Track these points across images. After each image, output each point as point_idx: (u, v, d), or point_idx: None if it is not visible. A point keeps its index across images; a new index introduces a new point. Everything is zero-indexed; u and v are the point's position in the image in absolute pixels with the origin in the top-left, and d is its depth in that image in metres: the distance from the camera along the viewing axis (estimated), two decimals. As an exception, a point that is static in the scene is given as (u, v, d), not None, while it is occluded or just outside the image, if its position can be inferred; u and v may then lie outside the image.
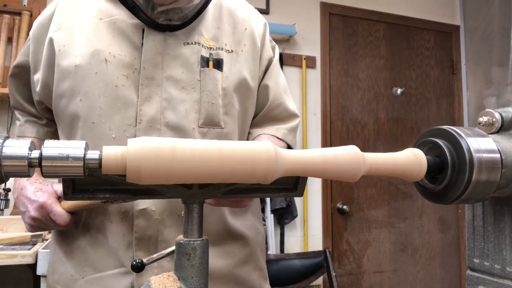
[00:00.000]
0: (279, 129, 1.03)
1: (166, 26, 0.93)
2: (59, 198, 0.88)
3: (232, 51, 0.99)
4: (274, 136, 1.02)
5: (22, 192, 0.91)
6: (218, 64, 0.96)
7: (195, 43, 0.95)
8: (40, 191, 0.88)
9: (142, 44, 0.92)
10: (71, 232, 0.92)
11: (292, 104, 1.09)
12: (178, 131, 0.89)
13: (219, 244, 0.95)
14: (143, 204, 0.87)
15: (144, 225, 0.87)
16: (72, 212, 0.87)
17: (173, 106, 0.89)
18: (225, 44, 0.98)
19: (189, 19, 0.95)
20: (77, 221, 0.91)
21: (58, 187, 0.90)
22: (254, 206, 1.06)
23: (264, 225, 1.20)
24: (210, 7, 1.01)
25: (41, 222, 0.87)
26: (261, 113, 1.04)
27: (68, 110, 0.91)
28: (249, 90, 0.99)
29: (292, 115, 1.07)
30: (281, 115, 1.05)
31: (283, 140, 1.02)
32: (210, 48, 0.96)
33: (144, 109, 0.88)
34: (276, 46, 1.13)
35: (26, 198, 0.89)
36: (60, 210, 0.85)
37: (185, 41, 0.94)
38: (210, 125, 0.91)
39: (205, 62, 0.94)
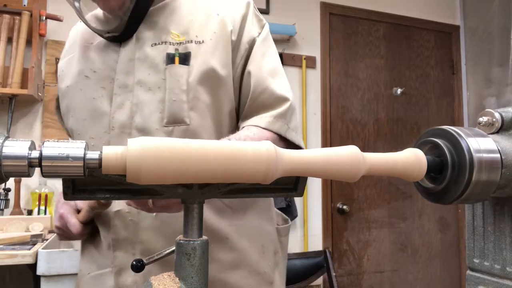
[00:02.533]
0: (263, 118, 0.92)
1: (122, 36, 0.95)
2: (78, 211, 0.95)
3: (202, 41, 0.94)
4: (257, 126, 0.91)
5: (57, 205, 1.00)
6: (186, 58, 0.93)
7: (162, 42, 0.94)
8: (65, 204, 0.96)
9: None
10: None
11: (281, 86, 0.96)
12: (144, 133, 0.91)
13: None
14: (118, 205, 0.90)
15: (120, 226, 0.90)
16: (87, 223, 0.94)
17: (141, 109, 0.91)
18: (196, 36, 0.95)
19: (128, 25, 0.94)
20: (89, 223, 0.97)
21: (80, 203, 0.97)
22: (259, 204, 1.00)
23: (279, 225, 1.13)
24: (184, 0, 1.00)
25: (62, 231, 0.94)
26: (247, 103, 0.95)
27: (68, 127, 1.01)
28: (220, 79, 0.93)
29: (280, 99, 0.94)
30: (267, 101, 0.94)
31: (268, 130, 0.90)
32: (179, 43, 0.94)
33: (116, 116, 0.91)
34: (266, 25, 1.03)
35: (56, 210, 0.98)
36: (74, 221, 0.92)
37: (153, 43, 0.94)
38: (174, 123, 0.89)
39: (170, 59, 0.93)
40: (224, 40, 0.95)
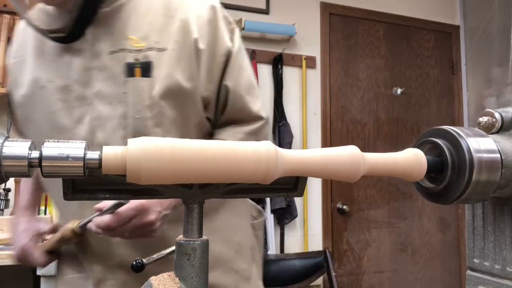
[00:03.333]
0: (236, 133, 0.93)
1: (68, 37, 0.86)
2: (43, 240, 0.94)
3: (164, 48, 0.87)
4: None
5: (15, 229, 0.98)
6: (147, 69, 0.86)
7: (120, 50, 0.86)
8: (25, 232, 0.94)
9: None
10: None
11: (257, 104, 0.95)
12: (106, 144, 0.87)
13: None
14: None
15: (93, 243, 0.90)
16: (52, 251, 0.93)
17: (102, 124, 0.85)
18: (156, 42, 0.87)
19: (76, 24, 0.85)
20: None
21: (44, 225, 0.96)
22: (232, 200, 0.98)
23: (254, 217, 1.10)
24: None
25: (23, 261, 0.95)
26: (223, 116, 0.94)
27: (28, 136, 0.95)
28: (185, 93, 0.87)
29: (255, 118, 0.94)
30: (243, 118, 0.94)
31: None
32: (139, 50, 0.86)
33: (76, 131, 0.87)
34: (236, 30, 0.97)
35: (14, 236, 0.97)
36: (37, 255, 0.92)
37: (110, 50, 0.87)
38: None
39: (130, 70, 0.85)
40: (188, 49, 0.88)
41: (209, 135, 0.96)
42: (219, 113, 0.94)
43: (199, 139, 0.97)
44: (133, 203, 0.78)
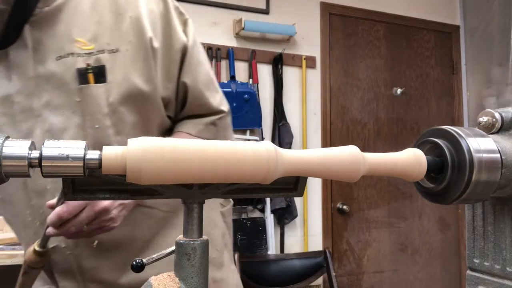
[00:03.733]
0: (195, 125, 0.89)
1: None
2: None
3: (116, 50, 0.80)
4: (188, 133, 0.88)
5: None
6: (100, 74, 0.79)
7: (68, 54, 0.79)
8: None
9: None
10: None
11: (216, 98, 0.92)
12: None
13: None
14: (53, 241, 0.83)
15: (60, 261, 0.85)
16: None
17: (57, 137, 0.77)
18: (107, 43, 0.80)
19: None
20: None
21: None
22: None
23: (223, 205, 1.08)
24: None
25: None
26: (182, 112, 0.91)
27: None
28: (145, 96, 0.82)
29: (216, 112, 0.91)
30: (203, 114, 0.91)
31: (198, 137, 0.87)
32: (89, 53, 0.79)
33: None
34: (189, 22, 0.90)
35: None
36: None
37: (57, 55, 0.79)
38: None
39: (83, 77, 0.78)
40: (143, 49, 0.82)
41: (169, 131, 0.92)
42: (178, 110, 0.91)
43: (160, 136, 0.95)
44: None
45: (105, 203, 0.75)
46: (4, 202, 0.88)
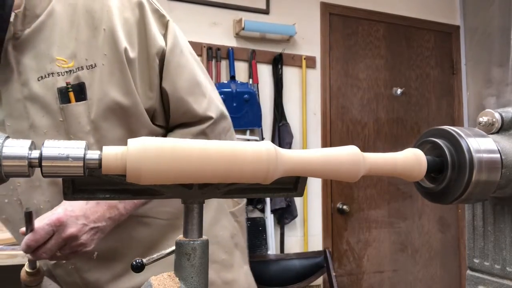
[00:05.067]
0: (183, 135, 0.86)
1: None
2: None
3: (94, 65, 0.79)
4: None
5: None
6: (80, 91, 0.79)
7: (48, 74, 0.79)
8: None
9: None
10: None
11: (202, 104, 0.87)
12: (55, 183, 0.81)
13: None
14: None
15: (63, 275, 0.88)
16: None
17: None
18: (85, 59, 0.80)
19: None
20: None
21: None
22: None
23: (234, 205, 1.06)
24: (60, 9, 0.81)
25: None
26: (170, 121, 0.89)
27: None
28: (125, 109, 0.81)
29: (203, 119, 0.87)
30: (190, 122, 0.88)
31: None
32: (68, 71, 0.79)
33: None
34: (170, 23, 0.86)
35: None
36: None
37: (38, 76, 0.79)
38: None
39: (63, 96, 0.78)
40: (118, 62, 0.80)
41: None
42: (168, 118, 0.89)
43: None
44: (48, 218, 0.75)
45: (73, 229, 0.76)
46: (8, 222, 0.90)
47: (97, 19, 0.81)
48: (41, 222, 0.75)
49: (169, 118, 0.89)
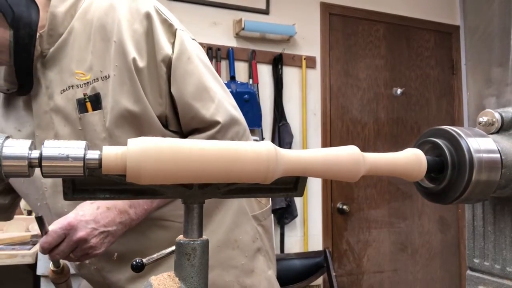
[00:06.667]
0: None
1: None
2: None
3: (108, 76, 0.85)
4: None
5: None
6: (97, 101, 0.85)
7: (69, 87, 0.86)
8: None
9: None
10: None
11: (210, 109, 0.88)
12: None
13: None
14: None
15: (88, 274, 0.95)
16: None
17: None
18: (100, 71, 0.86)
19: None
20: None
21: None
22: (221, 208, 0.96)
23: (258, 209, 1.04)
24: (79, 26, 0.88)
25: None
26: (182, 126, 0.92)
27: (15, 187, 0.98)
28: (136, 117, 0.86)
29: (211, 124, 0.89)
30: (199, 128, 0.90)
31: None
32: (86, 83, 0.85)
33: (44, 178, 0.87)
34: (179, 32, 0.89)
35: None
36: None
37: (61, 89, 0.87)
38: None
39: (82, 106, 0.85)
40: (127, 72, 0.85)
41: None
42: (181, 124, 0.92)
43: None
44: (60, 223, 0.80)
45: (82, 233, 0.81)
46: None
47: (109, 32, 0.86)
48: (55, 225, 0.80)
49: (181, 124, 0.92)
